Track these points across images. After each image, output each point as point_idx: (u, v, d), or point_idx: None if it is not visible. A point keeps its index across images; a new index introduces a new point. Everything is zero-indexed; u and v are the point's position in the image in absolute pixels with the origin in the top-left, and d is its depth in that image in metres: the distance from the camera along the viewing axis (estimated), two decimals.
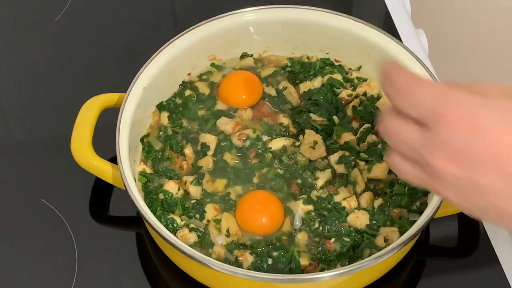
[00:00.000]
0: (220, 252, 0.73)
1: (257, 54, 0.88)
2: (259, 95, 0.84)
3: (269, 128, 0.81)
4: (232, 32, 0.85)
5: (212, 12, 0.85)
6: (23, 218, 0.83)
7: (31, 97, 0.94)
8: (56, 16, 1.01)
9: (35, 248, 0.81)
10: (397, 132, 0.56)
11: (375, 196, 0.76)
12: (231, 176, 0.78)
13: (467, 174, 0.52)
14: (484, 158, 0.51)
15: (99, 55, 0.97)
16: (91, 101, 0.80)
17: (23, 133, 0.91)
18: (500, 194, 0.52)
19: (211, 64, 0.87)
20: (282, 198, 0.76)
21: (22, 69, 0.96)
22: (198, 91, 0.85)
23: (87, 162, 0.77)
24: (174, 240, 0.69)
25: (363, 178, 0.77)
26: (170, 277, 0.79)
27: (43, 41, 0.99)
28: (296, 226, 0.75)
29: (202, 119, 0.83)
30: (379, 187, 0.77)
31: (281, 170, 0.78)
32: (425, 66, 0.79)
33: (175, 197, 0.76)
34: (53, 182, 0.85)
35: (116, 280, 0.79)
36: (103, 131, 0.78)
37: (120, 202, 0.83)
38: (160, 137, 0.81)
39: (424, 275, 0.79)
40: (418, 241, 0.78)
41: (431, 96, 0.53)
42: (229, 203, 0.76)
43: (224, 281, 0.72)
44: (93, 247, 0.80)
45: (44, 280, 0.79)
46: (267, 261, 0.72)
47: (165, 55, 0.81)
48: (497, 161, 0.51)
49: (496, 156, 0.51)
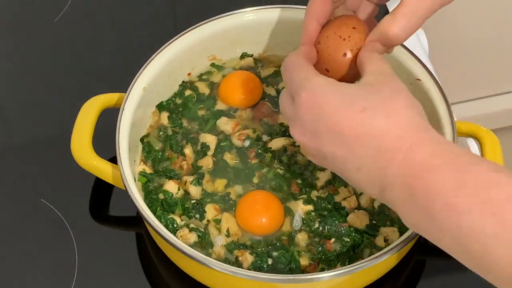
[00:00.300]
0: (220, 252, 0.73)
1: (257, 54, 0.88)
2: (259, 95, 0.84)
3: (269, 128, 0.81)
4: (232, 32, 0.85)
5: (212, 12, 0.85)
6: (23, 218, 0.83)
7: (31, 97, 0.93)
8: (56, 16, 1.00)
9: (35, 248, 0.81)
10: (282, 99, 0.66)
11: None
12: (231, 176, 0.78)
13: (316, 145, 0.62)
14: (327, 134, 0.61)
15: (99, 55, 0.97)
16: (91, 101, 0.80)
17: (23, 133, 0.91)
18: (342, 163, 0.61)
19: (211, 64, 0.87)
20: (282, 198, 0.76)
21: (22, 69, 0.96)
22: (198, 91, 0.85)
23: (87, 162, 0.77)
24: (174, 240, 0.69)
25: None
26: (170, 277, 0.79)
27: (43, 41, 0.99)
28: (296, 226, 0.75)
29: (202, 119, 0.83)
30: None
31: (281, 170, 0.78)
32: (425, 66, 0.79)
33: (175, 197, 0.76)
34: (53, 182, 0.85)
35: (116, 280, 0.79)
36: (103, 131, 0.78)
37: (120, 202, 0.83)
38: (160, 137, 0.82)
39: (424, 275, 0.79)
40: (418, 241, 0.78)
41: (297, 79, 0.63)
42: (229, 203, 0.76)
43: (224, 281, 0.72)
44: (93, 247, 0.80)
45: (44, 280, 0.79)
46: (267, 261, 0.72)
47: (165, 55, 0.81)
48: (337, 136, 0.60)
49: (338, 136, 0.60)
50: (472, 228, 0.54)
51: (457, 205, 0.54)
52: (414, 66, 0.79)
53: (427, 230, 0.57)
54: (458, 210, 0.54)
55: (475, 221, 0.53)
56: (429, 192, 0.56)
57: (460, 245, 0.55)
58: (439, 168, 0.56)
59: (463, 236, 0.54)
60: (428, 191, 0.56)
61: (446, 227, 0.55)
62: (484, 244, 0.53)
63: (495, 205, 0.53)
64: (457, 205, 0.54)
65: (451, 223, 0.55)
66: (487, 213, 0.53)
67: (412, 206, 0.57)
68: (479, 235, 0.53)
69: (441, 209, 0.55)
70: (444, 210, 0.55)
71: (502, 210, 0.53)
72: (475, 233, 0.54)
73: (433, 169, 0.56)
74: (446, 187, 0.55)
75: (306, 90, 0.62)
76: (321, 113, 0.61)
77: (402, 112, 0.59)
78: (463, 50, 1.49)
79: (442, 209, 0.55)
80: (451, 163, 0.56)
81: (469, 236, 0.54)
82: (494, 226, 0.53)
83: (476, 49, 1.49)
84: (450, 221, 0.55)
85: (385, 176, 0.59)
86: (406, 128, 0.59)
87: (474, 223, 0.54)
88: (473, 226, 0.54)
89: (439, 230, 0.56)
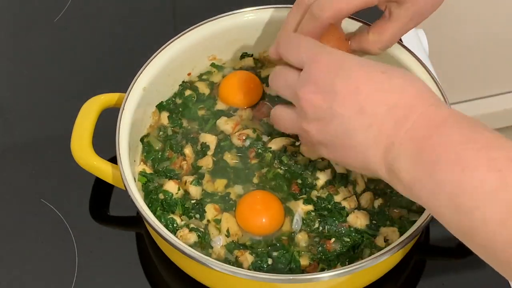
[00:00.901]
0: (220, 252, 0.73)
1: (257, 54, 0.88)
2: (259, 95, 0.84)
3: (269, 128, 0.81)
4: (232, 32, 0.85)
5: (212, 12, 0.85)
6: (23, 218, 0.83)
7: (31, 97, 0.94)
8: (56, 16, 1.01)
9: (35, 248, 0.81)
10: (281, 74, 0.68)
11: (375, 196, 0.76)
12: (231, 176, 0.78)
13: (328, 104, 0.63)
14: (343, 90, 0.62)
15: (99, 55, 0.97)
16: (91, 101, 0.80)
17: (23, 133, 0.91)
18: (349, 123, 0.63)
19: (211, 64, 0.87)
20: (282, 198, 0.76)
21: (22, 69, 0.96)
22: (198, 91, 0.85)
23: (87, 162, 0.77)
24: (174, 240, 0.69)
25: (363, 178, 0.77)
26: (170, 277, 0.79)
27: (43, 41, 0.99)
28: (296, 226, 0.75)
29: (202, 119, 0.83)
30: (379, 187, 0.77)
31: (281, 170, 0.78)
32: (425, 66, 0.79)
33: (175, 197, 0.76)
34: (53, 182, 0.85)
35: (116, 280, 0.79)
36: (103, 131, 0.78)
37: (120, 202, 0.83)
38: (160, 137, 0.82)
39: (424, 275, 0.79)
40: (418, 241, 0.78)
41: (310, 45, 0.66)
42: (229, 203, 0.76)
43: (224, 281, 0.72)
44: (93, 247, 0.80)
45: (44, 280, 0.79)
46: (267, 261, 0.72)
47: (165, 55, 0.81)
48: (353, 92, 0.62)
49: (353, 92, 0.62)
50: (471, 183, 0.55)
51: (464, 158, 0.56)
52: (414, 66, 0.79)
53: (423, 187, 0.59)
54: (463, 163, 0.56)
55: (476, 176, 0.55)
56: (440, 144, 0.58)
57: (452, 202, 0.56)
58: (452, 125, 0.59)
59: (460, 193, 0.56)
60: (439, 143, 0.58)
61: (446, 180, 0.57)
62: (477, 200, 0.55)
63: (502, 163, 0.55)
64: (464, 158, 0.56)
65: (452, 177, 0.56)
66: (493, 169, 0.55)
67: (416, 160, 0.59)
68: (477, 190, 0.55)
69: (446, 162, 0.57)
70: (450, 164, 0.57)
71: (507, 168, 0.55)
72: (473, 187, 0.55)
73: (448, 126, 0.59)
74: (455, 141, 0.58)
75: (324, 52, 0.65)
76: (340, 70, 0.63)
77: (420, 82, 0.64)
78: (463, 50, 1.49)
79: (447, 162, 0.57)
80: (463, 125, 0.59)
81: (465, 192, 0.56)
82: (495, 182, 0.54)
83: (476, 49, 1.49)
84: (451, 175, 0.56)
85: (397, 131, 0.61)
86: (424, 93, 0.63)
87: (475, 178, 0.55)
88: (473, 181, 0.55)
89: (436, 185, 0.57)
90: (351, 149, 0.64)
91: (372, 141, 0.62)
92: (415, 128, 0.60)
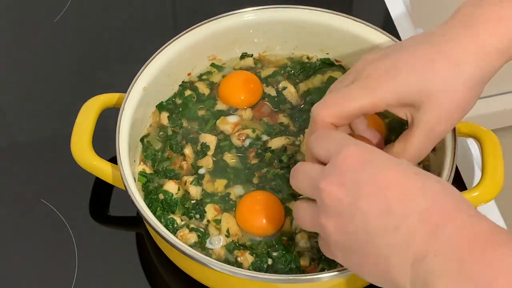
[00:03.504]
0: (220, 252, 0.73)
1: (257, 54, 0.88)
2: (259, 95, 0.84)
3: (269, 127, 0.81)
4: (232, 32, 0.85)
5: (212, 12, 0.85)
6: (23, 218, 0.83)
7: (31, 97, 0.94)
8: (56, 16, 1.01)
9: (35, 248, 0.81)
10: (302, 167, 0.63)
11: None
12: (231, 176, 0.78)
13: (351, 199, 0.57)
14: (369, 186, 0.57)
15: (99, 55, 0.97)
16: (91, 101, 0.80)
17: (23, 133, 0.91)
18: (375, 220, 0.56)
19: (211, 64, 0.87)
20: (282, 199, 0.76)
21: (22, 69, 0.96)
22: (198, 91, 0.85)
23: (87, 162, 0.77)
24: (174, 240, 0.69)
25: None
26: (170, 277, 0.79)
27: (43, 41, 0.99)
28: (296, 226, 0.75)
29: (202, 119, 0.83)
30: None
31: (281, 170, 0.78)
32: None
33: (175, 197, 0.76)
34: (53, 182, 0.85)
35: (116, 280, 0.79)
36: (103, 131, 0.78)
37: (120, 202, 0.83)
38: (160, 137, 0.82)
39: None
40: None
41: (338, 139, 0.62)
42: (229, 203, 0.76)
43: (224, 281, 0.72)
44: (93, 247, 0.80)
45: (44, 280, 0.79)
46: (267, 262, 0.72)
47: (165, 55, 0.81)
48: (382, 193, 0.57)
49: (381, 189, 0.57)
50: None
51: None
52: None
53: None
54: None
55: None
56: (492, 266, 0.52)
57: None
58: (501, 244, 0.53)
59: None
60: (490, 265, 0.52)
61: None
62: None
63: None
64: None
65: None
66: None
67: (460, 281, 0.52)
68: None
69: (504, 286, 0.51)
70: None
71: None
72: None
73: (497, 244, 0.53)
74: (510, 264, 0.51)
75: (352, 145, 0.60)
76: (368, 166, 0.58)
77: (456, 190, 0.58)
78: None
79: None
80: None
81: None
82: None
83: None
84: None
85: (431, 240, 0.54)
86: (461, 202, 0.57)
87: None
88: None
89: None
90: (371, 254, 0.57)
91: (397, 247, 0.55)
92: (454, 241, 0.53)
